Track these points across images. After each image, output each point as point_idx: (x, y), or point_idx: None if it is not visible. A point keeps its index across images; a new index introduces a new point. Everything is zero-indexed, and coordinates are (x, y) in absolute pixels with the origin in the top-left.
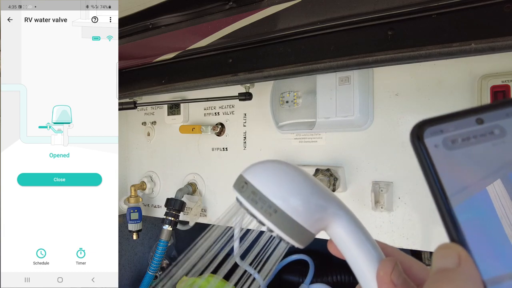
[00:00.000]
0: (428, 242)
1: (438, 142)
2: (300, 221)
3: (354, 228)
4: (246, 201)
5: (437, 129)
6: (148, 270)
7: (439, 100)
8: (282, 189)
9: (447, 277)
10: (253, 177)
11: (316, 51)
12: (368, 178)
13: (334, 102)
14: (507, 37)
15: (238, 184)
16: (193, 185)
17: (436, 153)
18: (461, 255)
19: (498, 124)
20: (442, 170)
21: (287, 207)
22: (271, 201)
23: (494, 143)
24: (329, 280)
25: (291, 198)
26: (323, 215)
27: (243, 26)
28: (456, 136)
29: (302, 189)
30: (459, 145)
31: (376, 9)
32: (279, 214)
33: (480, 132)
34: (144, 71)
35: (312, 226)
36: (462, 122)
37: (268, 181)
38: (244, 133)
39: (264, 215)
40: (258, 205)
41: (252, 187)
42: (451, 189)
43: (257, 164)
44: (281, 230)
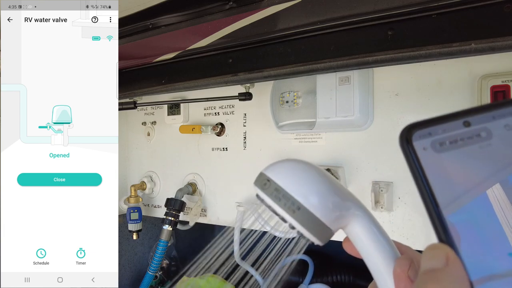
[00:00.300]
0: (428, 242)
1: (427, 145)
2: (322, 219)
3: (372, 227)
4: (269, 198)
5: (425, 132)
6: (148, 270)
7: (439, 100)
8: (305, 187)
9: (435, 277)
10: (276, 175)
11: (316, 51)
12: (368, 178)
13: (334, 102)
14: (507, 37)
15: (260, 181)
16: (193, 185)
17: (425, 155)
18: (449, 255)
19: (485, 127)
20: (431, 172)
21: (310, 205)
22: (294, 198)
23: (481, 146)
24: (329, 280)
25: (313, 196)
26: (344, 214)
27: (243, 26)
28: (444, 138)
29: (324, 188)
30: (447, 147)
31: (376, 9)
32: (302, 211)
33: (467, 135)
34: (144, 71)
35: (333, 223)
36: (450, 125)
37: (291, 179)
38: (244, 133)
39: (288, 212)
40: (281, 202)
41: (275, 184)
42: (439, 190)
43: (278, 162)
44: (303, 226)
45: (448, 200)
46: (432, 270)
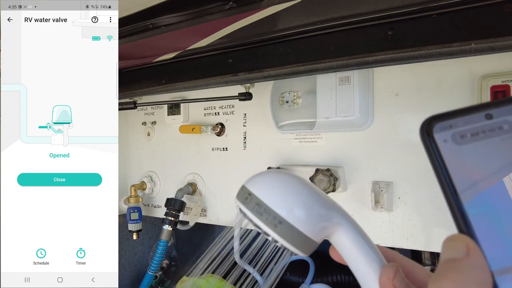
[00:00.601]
0: (428, 242)
1: (447, 137)
2: (304, 231)
3: (357, 236)
4: (250, 212)
5: (446, 124)
6: (148, 270)
7: (439, 100)
8: (287, 200)
9: (456, 267)
10: (257, 188)
11: (316, 51)
12: (368, 178)
13: (334, 102)
14: (507, 37)
15: (242, 195)
16: (193, 185)
17: (446, 147)
18: (470, 245)
19: (507, 119)
20: (451, 164)
21: (292, 218)
22: (276, 213)
23: (503, 138)
24: (329, 280)
25: (295, 208)
26: (327, 224)
27: (243, 26)
28: (465, 131)
29: (306, 199)
30: (468, 140)
31: (376, 9)
32: (284, 225)
33: (489, 127)
34: (144, 71)
35: (316, 235)
36: (471, 117)
37: (272, 192)
38: (244, 133)
39: (269, 226)
40: (263, 216)
41: (256, 198)
42: (460, 182)
43: (259, 175)
44: (286, 240)
45: (469, 192)
46: (452, 260)
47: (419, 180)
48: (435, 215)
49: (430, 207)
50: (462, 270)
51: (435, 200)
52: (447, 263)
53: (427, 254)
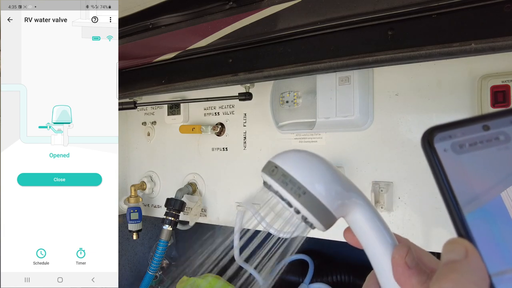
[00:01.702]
0: (428, 242)
1: (447, 146)
2: (326, 204)
3: (373, 215)
4: (276, 183)
5: (446, 134)
6: (148, 270)
7: (439, 100)
8: (311, 174)
9: (455, 268)
10: (284, 162)
11: (316, 51)
12: (368, 178)
13: (334, 102)
14: (507, 37)
15: (268, 168)
16: (193, 185)
17: (445, 156)
18: (468, 248)
19: (503, 131)
20: (451, 173)
21: (315, 190)
22: (300, 183)
23: (499, 148)
24: (329, 280)
25: (318, 183)
26: (346, 202)
27: (243, 26)
28: (464, 141)
29: (328, 176)
30: (466, 149)
31: (376, 9)
32: (307, 196)
33: (486, 138)
34: (144, 71)
35: (336, 210)
36: (470, 128)
37: (298, 166)
38: (244, 133)
39: (294, 196)
40: (288, 186)
41: (282, 170)
42: (459, 189)
43: (285, 152)
44: (308, 210)
45: (467, 199)
46: (452, 262)
47: (419, 180)
48: (435, 215)
49: (430, 207)
50: (461, 271)
51: (435, 200)
52: (447, 264)
53: None
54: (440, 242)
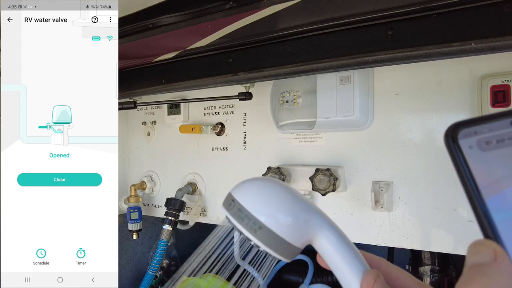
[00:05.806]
0: (427, 242)
1: (472, 143)
2: (284, 237)
3: (338, 241)
4: (233, 218)
5: (471, 130)
6: (148, 270)
7: (439, 100)
8: (266, 206)
9: (484, 272)
10: (240, 195)
11: (316, 51)
12: (368, 178)
13: (334, 102)
14: (507, 37)
15: (227, 202)
16: (193, 185)
17: (471, 154)
18: (497, 250)
19: None
20: (477, 171)
21: (271, 223)
22: (255, 218)
23: None
24: (329, 280)
25: (275, 214)
26: (307, 230)
27: (243, 26)
28: (491, 137)
29: (285, 205)
30: (493, 146)
31: (376, 9)
32: (263, 230)
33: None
34: (144, 71)
35: (296, 240)
36: (497, 124)
37: (253, 198)
38: (244, 132)
39: (250, 231)
40: (244, 222)
41: (238, 204)
42: (486, 189)
43: (244, 182)
44: (266, 245)
45: (494, 199)
46: (479, 265)
47: (419, 180)
48: (435, 215)
49: (430, 207)
50: (491, 274)
51: (435, 200)
52: (474, 267)
53: (427, 254)
54: (440, 242)
